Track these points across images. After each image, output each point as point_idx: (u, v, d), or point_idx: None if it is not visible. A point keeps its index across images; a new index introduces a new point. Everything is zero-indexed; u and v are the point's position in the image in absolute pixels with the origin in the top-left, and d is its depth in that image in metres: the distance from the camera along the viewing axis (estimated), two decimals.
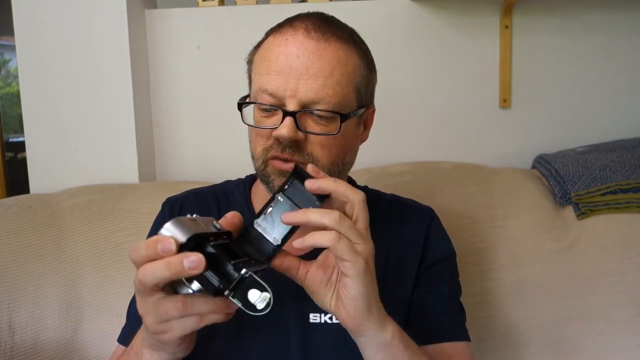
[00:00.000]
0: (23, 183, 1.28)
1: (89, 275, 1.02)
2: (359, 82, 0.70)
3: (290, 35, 0.68)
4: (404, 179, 1.14)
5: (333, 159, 0.70)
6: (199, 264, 0.47)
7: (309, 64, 0.66)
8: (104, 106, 1.22)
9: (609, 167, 1.15)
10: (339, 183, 0.57)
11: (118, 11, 1.19)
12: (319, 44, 0.66)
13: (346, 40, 0.69)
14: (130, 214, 1.07)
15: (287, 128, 0.65)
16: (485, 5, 1.29)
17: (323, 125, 0.68)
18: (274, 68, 0.67)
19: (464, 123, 1.33)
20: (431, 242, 0.80)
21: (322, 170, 0.66)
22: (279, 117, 0.67)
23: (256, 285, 0.50)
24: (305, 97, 0.66)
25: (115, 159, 1.24)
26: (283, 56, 0.66)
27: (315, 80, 0.66)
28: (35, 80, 1.22)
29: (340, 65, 0.67)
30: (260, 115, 0.70)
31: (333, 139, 0.68)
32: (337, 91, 0.67)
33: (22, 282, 0.98)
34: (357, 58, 0.70)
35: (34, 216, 1.05)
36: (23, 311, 0.96)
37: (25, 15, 1.20)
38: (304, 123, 0.67)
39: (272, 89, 0.67)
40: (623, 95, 1.34)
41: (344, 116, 0.68)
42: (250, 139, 0.74)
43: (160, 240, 0.48)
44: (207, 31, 1.29)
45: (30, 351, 0.95)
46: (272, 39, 0.70)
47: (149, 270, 0.48)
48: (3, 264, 0.98)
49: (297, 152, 0.67)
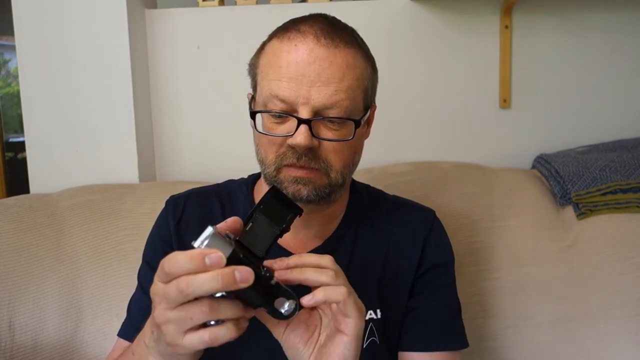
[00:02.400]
0: (23, 183, 1.28)
1: (89, 275, 1.02)
2: (367, 84, 0.71)
3: (299, 41, 0.67)
4: (405, 179, 1.14)
5: (345, 163, 0.70)
6: (249, 276, 0.47)
7: (320, 71, 0.66)
8: (104, 106, 1.22)
9: (609, 167, 1.16)
10: (304, 257, 0.58)
11: (118, 11, 1.19)
12: (329, 51, 0.67)
13: (353, 44, 0.70)
14: (131, 214, 1.07)
15: (303, 136, 0.65)
16: (485, 5, 1.29)
17: (335, 131, 0.68)
18: (285, 75, 0.67)
19: (464, 123, 1.33)
20: (430, 247, 0.80)
21: (335, 174, 0.69)
22: (292, 124, 0.67)
23: (283, 292, 0.53)
24: (318, 104, 0.66)
25: (115, 159, 1.24)
26: (294, 63, 0.66)
27: (327, 87, 0.66)
28: (35, 80, 1.22)
29: (350, 70, 0.68)
30: (271, 122, 0.69)
31: (345, 143, 0.69)
32: (348, 95, 0.67)
33: (22, 282, 0.98)
34: (363, 61, 0.71)
35: (34, 216, 1.05)
36: (23, 311, 0.96)
37: (25, 15, 1.20)
38: (317, 130, 0.67)
39: (283, 95, 0.66)
40: (623, 95, 1.35)
41: (358, 122, 0.68)
42: (259, 145, 0.73)
43: (207, 253, 0.48)
44: (207, 31, 1.29)
45: (30, 351, 0.95)
46: (279, 43, 0.69)
47: (197, 281, 0.47)
48: (3, 264, 0.98)
49: (313, 160, 0.67)
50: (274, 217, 0.58)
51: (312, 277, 0.56)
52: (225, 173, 0.95)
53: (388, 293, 0.77)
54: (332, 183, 0.70)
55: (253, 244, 0.57)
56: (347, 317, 0.55)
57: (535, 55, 1.32)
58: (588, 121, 1.34)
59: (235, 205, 0.81)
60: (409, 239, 0.80)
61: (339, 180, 0.70)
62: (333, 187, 0.70)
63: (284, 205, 0.60)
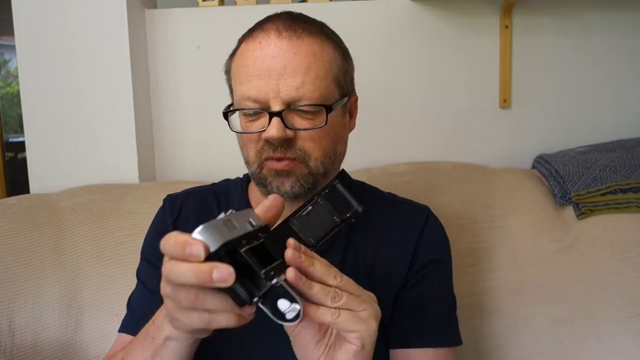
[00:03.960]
0: (23, 183, 1.28)
1: (89, 275, 1.02)
2: (337, 72, 0.72)
3: (262, 38, 0.69)
4: (404, 179, 1.14)
5: (325, 152, 0.71)
6: (228, 277, 0.44)
7: (285, 63, 0.67)
8: (104, 106, 1.22)
9: (609, 167, 1.15)
10: (315, 264, 0.51)
11: (118, 11, 1.19)
12: (292, 42, 0.68)
13: (318, 34, 0.71)
14: (131, 214, 1.07)
15: (275, 128, 0.67)
16: (485, 5, 1.29)
17: (310, 120, 0.69)
18: (253, 73, 0.68)
19: (464, 123, 1.33)
20: (423, 244, 0.79)
21: (315, 162, 0.69)
22: (266, 119, 0.68)
23: (286, 295, 0.48)
24: (287, 96, 0.67)
25: (115, 159, 1.24)
26: (259, 60, 0.68)
27: (294, 78, 0.67)
28: (35, 80, 1.22)
29: (317, 59, 0.69)
30: (246, 121, 0.72)
31: (322, 131, 0.70)
32: (317, 85, 0.68)
33: (22, 282, 0.98)
34: (331, 49, 0.72)
35: (34, 216, 1.05)
36: (23, 311, 0.96)
37: (25, 15, 1.20)
38: (291, 120, 0.69)
39: (254, 94, 0.68)
40: (623, 95, 1.34)
41: (329, 107, 0.69)
42: (241, 146, 0.75)
43: (189, 243, 0.45)
44: (207, 31, 1.29)
45: (30, 351, 0.95)
46: (245, 45, 0.72)
47: (175, 270, 0.46)
48: (3, 264, 0.98)
49: (289, 150, 0.69)
50: (337, 204, 0.53)
51: (317, 297, 0.51)
52: (225, 173, 0.95)
53: (380, 291, 0.77)
54: (312, 172, 0.70)
55: (304, 229, 0.52)
56: (348, 331, 0.52)
57: (535, 55, 1.32)
58: (588, 121, 1.34)
59: (232, 204, 0.82)
60: (402, 236, 0.79)
61: (320, 169, 0.71)
62: (315, 177, 0.71)
63: (352, 196, 0.54)
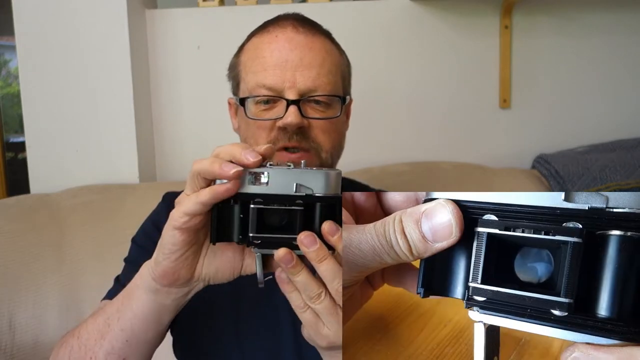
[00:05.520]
0: (23, 183, 1.28)
1: (89, 275, 1.02)
2: (344, 71, 0.77)
3: (279, 32, 0.73)
4: (404, 179, 1.14)
5: (333, 143, 0.73)
6: (255, 161, 0.48)
7: (302, 56, 0.71)
8: (104, 106, 1.22)
9: (609, 167, 1.15)
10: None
11: (118, 11, 1.19)
12: (307, 38, 0.72)
13: (328, 36, 0.76)
14: (131, 214, 1.07)
15: (293, 115, 0.68)
16: (485, 6, 1.29)
17: (322, 112, 0.72)
18: (270, 63, 0.71)
19: (464, 123, 1.33)
20: None
21: (326, 154, 0.72)
22: (280, 107, 0.70)
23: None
24: (303, 86, 0.70)
25: (115, 159, 1.24)
26: (277, 51, 0.71)
27: (310, 70, 0.70)
28: (35, 80, 1.22)
29: (329, 56, 0.73)
30: (259, 110, 0.72)
31: (332, 123, 0.72)
32: (329, 79, 0.72)
33: (22, 282, 0.98)
34: (339, 52, 0.77)
35: (34, 216, 1.05)
36: (23, 311, 0.96)
37: (25, 15, 1.20)
38: (305, 111, 0.71)
39: (270, 82, 0.70)
40: (623, 95, 1.34)
41: (343, 99, 0.74)
42: (247, 137, 0.75)
43: (251, 150, 0.49)
44: (207, 31, 1.29)
45: (30, 351, 0.95)
46: (258, 38, 0.74)
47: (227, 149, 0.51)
48: (3, 264, 0.98)
49: (304, 140, 0.70)
50: None
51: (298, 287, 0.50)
52: None
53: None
54: (323, 164, 0.72)
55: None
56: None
57: (535, 55, 1.32)
58: (588, 121, 1.34)
59: None
60: None
61: (329, 161, 0.73)
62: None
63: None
